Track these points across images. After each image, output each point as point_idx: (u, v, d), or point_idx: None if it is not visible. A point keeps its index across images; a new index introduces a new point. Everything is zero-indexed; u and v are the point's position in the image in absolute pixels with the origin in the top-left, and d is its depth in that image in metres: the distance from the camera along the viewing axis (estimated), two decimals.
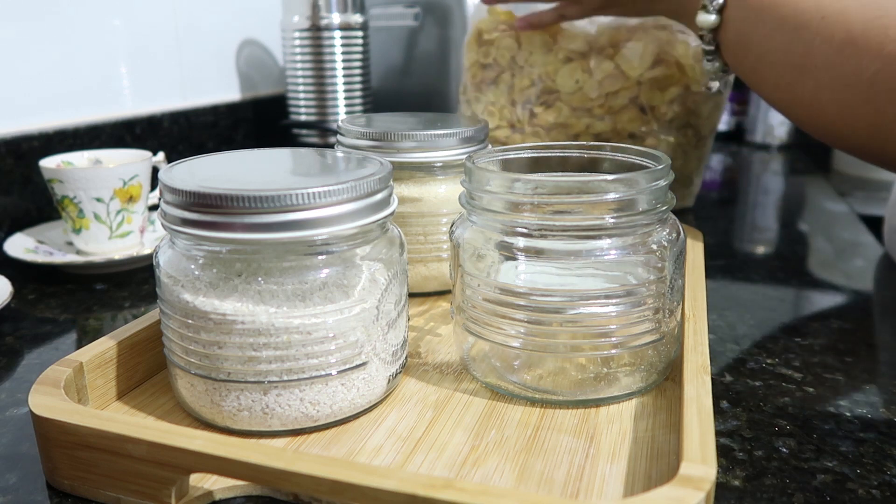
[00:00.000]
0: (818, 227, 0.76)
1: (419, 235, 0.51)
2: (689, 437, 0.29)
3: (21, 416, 0.39)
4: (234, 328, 0.34)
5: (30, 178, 0.71)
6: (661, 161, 0.38)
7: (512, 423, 0.36)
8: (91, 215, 0.60)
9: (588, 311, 0.36)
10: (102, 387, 0.38)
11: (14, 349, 0.48)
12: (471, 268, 0.39)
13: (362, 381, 0.36)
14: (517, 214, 0.37)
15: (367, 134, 0.50)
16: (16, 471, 0.34)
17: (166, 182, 0.34)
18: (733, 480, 0.33)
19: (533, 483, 0.32)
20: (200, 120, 0.93)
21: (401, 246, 0.38)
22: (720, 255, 0.64)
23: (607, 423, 0.36)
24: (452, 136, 0.50)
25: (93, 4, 0.79)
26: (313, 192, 0.33)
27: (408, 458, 0.33)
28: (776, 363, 0.44)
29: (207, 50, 0.96)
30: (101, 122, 0.78)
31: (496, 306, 0.38)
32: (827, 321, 0.50)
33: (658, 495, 0.26)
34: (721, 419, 0.38)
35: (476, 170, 0.38)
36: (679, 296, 0.39)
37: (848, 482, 0.33)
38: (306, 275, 0.34)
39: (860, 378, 0.43)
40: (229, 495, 0.32)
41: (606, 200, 0.36)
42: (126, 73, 0.84)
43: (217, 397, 0.35)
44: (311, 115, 0.96)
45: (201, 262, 0.35)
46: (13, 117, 0.71)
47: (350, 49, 0.95)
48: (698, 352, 0.37)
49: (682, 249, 0.39)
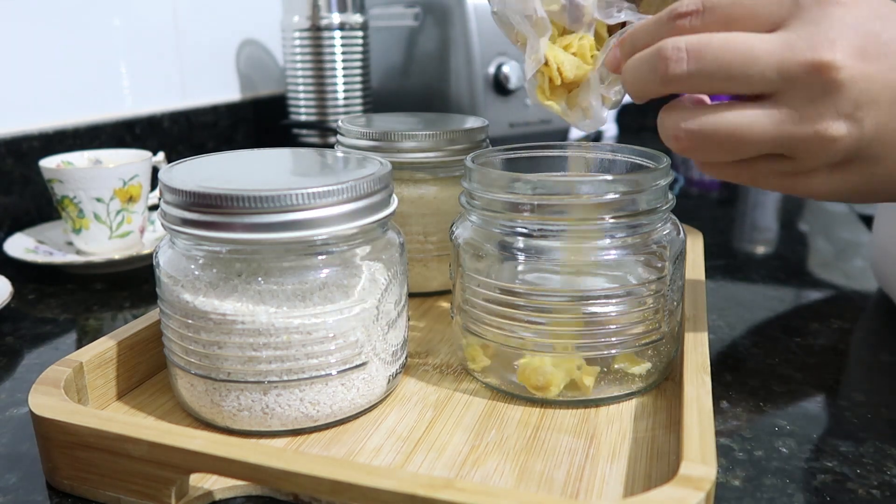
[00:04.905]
0: (818, 227, 0.76)
1: (419, 235, 0.51)
2: (689, 437, 0.29)
3: (21, 416, 0.39)
4: (234, 328, 0.34)
5: (30, 178, 0.71)
6: (661, 161, 0.39)
7: (512, 423, 0.36)
8: (91, 215, 0.60)
9: (588, 311, 0.36)
10: (102, 387, 0.38)
11: (14, 349, 0.48)
12: (471, 268, 0.39)
13: (362, 381, 0.36)
14: (517, 214, 0.37)
15: (367, 134, 0.50)
16: (16, 471, 0.34)
17: (166, 182, 0.34)
18: (733, 480, 0.33)
19: (533, 483, 0.32)
20: (200, 120, 0.93)
21: (401, 246, 0.38)
22: (720, 255, 0.64)
23: (607, 423, 0.36)
24: (452, 136, 0.50)
25: (93, 4, 0.79)
26: (313, 192, 0.33)
27: (408, 459, 0.33)
28: (776, 363, 0.44)
29: (207, 50, 0.96)
30: (101, 122, 0.78)
31: (496, 306, 0.38)
32: (827, 321, 0.50)
33: (658, 495, 0.26)
34: (721, 419, 0.38)
35: (476, 170, 0.38)
36: (679, 296, 0.39)
37: (848, 482, 0.33)
38: (306, 275, 0.34)
39: (860, 378, 0.43)
40: (229, 495, 0.32)
41: (606, 200, 0.36)
42: (126, 73, 0.84)
43: (217, 397, 0.35)
44: (311, 115, 0.96)
45: (201, 262, 0.35)
46: (13, 117, 0.71)
47: (350, 49, 0.95)
48: (698, 352, 0.37)
49: (682, 249, 0.39)
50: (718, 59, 0.30)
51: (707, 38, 0.31)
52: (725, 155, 0.32)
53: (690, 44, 0.31)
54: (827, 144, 0.31)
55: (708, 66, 0.31)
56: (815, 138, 0.31)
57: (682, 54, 0.31)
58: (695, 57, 0.31)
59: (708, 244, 0.61)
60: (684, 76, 0.31)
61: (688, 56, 0.31)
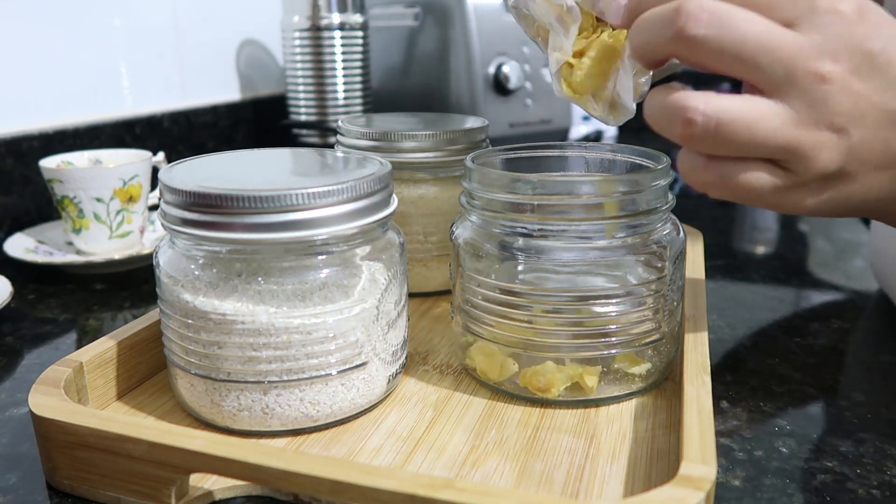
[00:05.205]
0: (818, 227, 0.76)
1: (419, 235, 0.51)
2: (689, 437, 0.29)
3: (21, 416, 0.39)
4: (234, 328, 0.34)
5: (30, 178, 0.71)
6: (661, 161, 0.38)
7: (512, 423, 0.36)
8: (91, 215, 0.60)
9: (588, 311, 0.36)
10: (102, 387, 0.38)
11: (14, 349, 0.48)
12: (471, 268, 0.39)
13: (362, 381, 0.36)
14: (517, 214, 0.37)
15: (367, 134, 0.50)
16: (16, 471, 0.34)
17: (166, 182, 0.34)
18: (733, 480, 0.33)
19: (533, 483, 0.32)
20: (200, 120, 0.93)
21: (401, 246, 0.38)
22: (720, 255, 0.64)
23: (607, 423, 0.36)
24: (452, 136, 0.50)
25: (93, 4, 0.79)
26: (313, 192, 0.33)
27: (408, 458, 0.33)
28: (776, 363, 0.44)
29: (207, 50, 0.96)
30: (101, 122, 0.78)
31: (496, 306, 0.38)
32: (827, 321, 0.50)
33: (658, 495, 0.26)
34: (721, 419, 0.38)
35: (476, 170, 0.38)
36: (679, 296, 0.39)
37: (848, 482, 0.33)
38: (306, 275, 0.34)
39: (860, 378, 0.43)
40: (229, 495, 0.32)
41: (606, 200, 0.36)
42: (126, 72, 0.84)
43: (217, 397, 0.35)
44: (311, 115, 0.96)
45: (201, 262, 0.34)
46: (13, 117, 0.71)
47: (350, 49, 0.95)
48: (698, 352, 0.37)
49: (682, 249, 0.39)
50: (737, 33, 0.29)
51: (730, 8, 0.30)
52: (737, 148, 0.31)
53: (714, 7, 0.30)
54: (822, 153, 0.31)
55: (726, 35, 0.29)
56: (814, 144, 0.31)
57: (703, 14, 0.30)
58: (717, 22, 0.30)
59: (708, 244, 0.61)
60: (699, 39, 0.30)
61: (709, 19, 0.30)
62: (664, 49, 0.31)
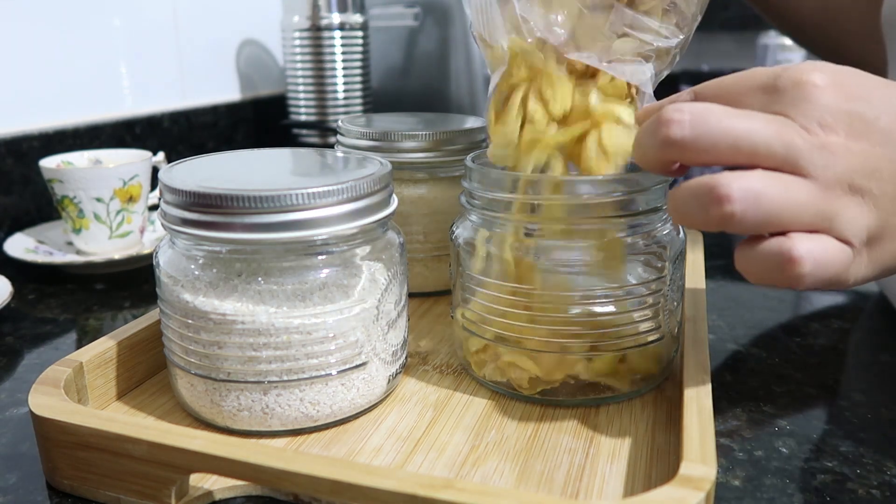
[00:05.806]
0: None
1: (419, 235, 0.51)
2: (689, 437, 0.29)
3: (21, 416, 0.39)
4: (234, 328, 0.34)
5: (30, 178, 0.71)
6: None
7: (512, 423, 0.36)
8: (91, 215, 0.60)
9: (588, 311, 0.36)
10: (102, 387, 0.38)
11: (14, 349, 0.48)
12: (471, 268, 0.39)
13: (362, 381, 0.36)
14: (517, 214, 0.37)
15: (367, 134, 0.50)
16: (16, 471, 0.34)
17: (166, 182, 0.34)
18: (733, 480, 0.33)
19: (533, 483, 0.32)
20: (200, 120, 0.93)
21: (401, 246, 0.38)
22: (720, 255, 0.64)
23: (607, 423, 0.36)
24: (452, 136, 0.50)
25: (93, 4, 0.79)
26: (313, 192, 0.33)
27: (408, 458, 0.33)
28: (776, 363, 0.44)
29: (207, 50, 0.96)
30: (101, 122, 0.78)
31: (496, 306, 0.38)
32: (827, 321, 0.50)
33: (658, 495, 0.26)
34: (721, 419, 0.38)
35: (476, 169, 0.38)
36: (679, 296, 0.39)
37: (848, 482, 0.33)
38: (306, 275, 0.34)
39: (860, 378, 0.43)
40: (229, 495, 0.32)
41: (607, 201, 0.35)
42: (126, 73, 0.84)
43: (217, 397, 0.35)
44: (311, 115, 0.96)
45: (201, 262, 0.35)
46: (13, 117, 0.71)
47: (350, 49, 0.95)
48: (698, 352, 0.37)
49: (682, 249, 0.39)
50: (721, 125, 0.29)
51: (706, 105, 0.29)
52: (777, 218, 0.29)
53: (691, 108, 0.29)
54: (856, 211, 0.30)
55: (713, 129, 0.29)
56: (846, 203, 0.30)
57: (683, 116, 0.29)
58: (699, 121, 0.29)
59: (708, 244, 0.61)
60: (688, 140, 0.29)
61: (691, 119, 0.29)
62: (657, 156, 0.31)
